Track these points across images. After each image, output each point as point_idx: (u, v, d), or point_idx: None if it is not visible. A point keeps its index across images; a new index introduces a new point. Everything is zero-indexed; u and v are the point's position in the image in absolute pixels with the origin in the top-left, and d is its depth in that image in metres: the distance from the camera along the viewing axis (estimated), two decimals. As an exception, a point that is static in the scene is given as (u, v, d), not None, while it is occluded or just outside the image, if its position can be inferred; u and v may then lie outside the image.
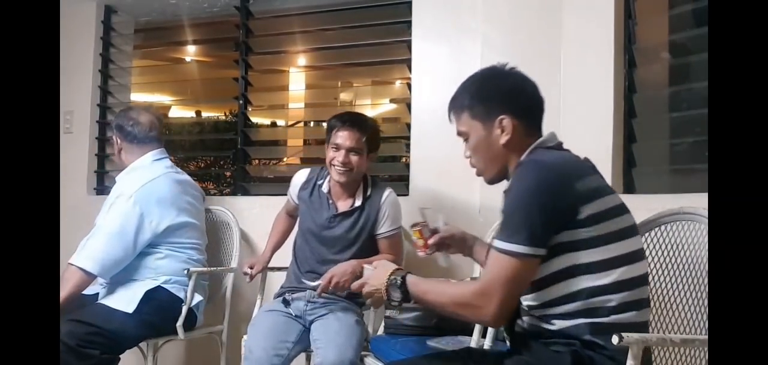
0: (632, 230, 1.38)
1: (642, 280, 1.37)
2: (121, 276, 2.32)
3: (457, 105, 1.52)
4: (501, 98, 1.47)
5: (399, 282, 1.45)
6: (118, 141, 2.48)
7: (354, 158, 2.26)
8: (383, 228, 2.31)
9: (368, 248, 2.31)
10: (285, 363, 2.15)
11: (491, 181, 1.54)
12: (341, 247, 2.31)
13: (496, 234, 1.35)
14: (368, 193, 2.34)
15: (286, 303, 2.31)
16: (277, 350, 2.14)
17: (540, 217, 1.30)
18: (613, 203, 1.35)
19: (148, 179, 2.35)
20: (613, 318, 1.30)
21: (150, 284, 2.30)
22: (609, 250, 1.31)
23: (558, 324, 1.33)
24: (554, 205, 1.30)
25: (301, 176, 2.48)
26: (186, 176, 2.56)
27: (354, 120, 2.30)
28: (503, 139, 1.45)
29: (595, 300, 1.30)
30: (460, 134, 1.54)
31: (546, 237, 1.30)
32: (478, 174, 1.54)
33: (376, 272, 1.53)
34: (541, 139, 1.46)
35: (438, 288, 1.45)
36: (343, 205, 2.34)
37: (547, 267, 1.33)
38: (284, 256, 2.61)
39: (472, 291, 1.36)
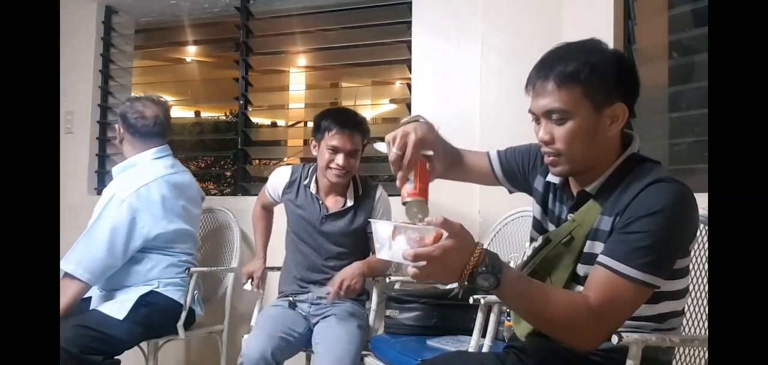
0: None
1: None
2: (111, 281, 2.29)
3: (566, 72, 1.21)
4: (622, 80, 1.24)
5: (498, 268, 1.10)
6: (121, 130, 2.41)
7: (353, 162, 2.24)
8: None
9: (362, 249, 2.30)
10: (290, 347, 2.16)
11: (570, 174, 1.31)
12: (336, 248, 2.30)
13: (622, 254, 1.15)
14: (360, 192, 2.33)
15: (293, 305, 2.30)
16: (284, 332, 2.15)
17: (676, 250, 1.20)
18: None
19: (143, 183, 2.27)
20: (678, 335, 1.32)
21: (142, 289, 2.27)
22: (688, 278, 1.30)
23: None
24: (689, 237, 1.22)
25: (283, 176, 2.43)
26: (185, 177, 2.47)
27: (354, 123, 2.24)
28: (614, 129, 1.24)
29: (670, 321, 1.28)
30: (548, 112, 1.23)
31: (671, 269, 1.21)
32: (559, 162, 1.27)
33: (454, 244, 1.07)
34: (635, 144, 1.29)
35: (545, 294, 1.17)
36: (334, 204, 2.32)
37: None
38: (281, 254, 2.62)
39: (589, 312, 1.14)
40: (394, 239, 1.10)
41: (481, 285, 1.10)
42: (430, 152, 1.29)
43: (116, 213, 2.22)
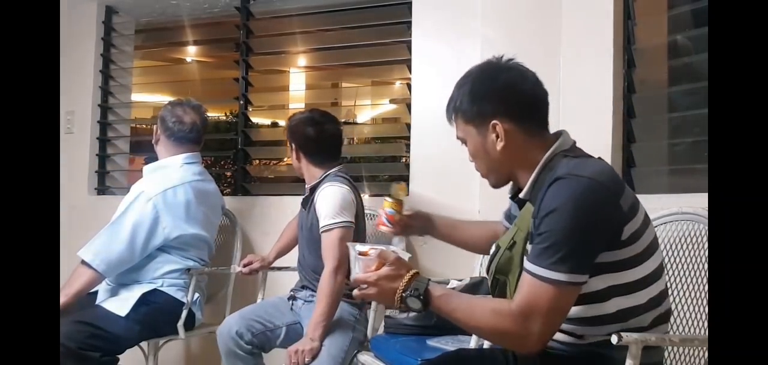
0: (656, 243, 1.31)
1: (665, 293, 1.33)
2: (120, 276, 2.32)
3: (451, 108, 1.41)
4: (493, 98, 1.34)
5: (421, 291, 1.27)
6: (158, 132, 2.47)
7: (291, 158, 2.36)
8: (320, 224, 2.18)
9: (313, 246, 2.28)
10: (267, 334, 2.23)
11: (497, 186, 1.43)
12: (304, 240, 2.33)
13: (533, 257, 1.22)
14: (314, 184, 2.28)
15: (293, 298, 2.35)
16: (261, 318, 2.23)
17: (586, 244, 1.20)
18: (643, 216, 1.27)
19: (171, 185, 2.33)
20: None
21: (146, 287, 2.30)
22: (644, 268, 1.26)
23: (588, 339, 1.28)
24: (601, 228, 1.21)
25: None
26: (210, 186, 2.53)
27: None
28: (499, 145, 1.33)
29: (631, 321, 1.26)
30: (458, 138, 1.42)
31: (590, 263, 1.21)
32: (483, 177, 1.44)
33: (387, 272, 1.30)
34: (557, 144, 1.33)
35: (471, 307, 1.28)
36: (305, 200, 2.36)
37: (584, 287, 1.22)
38: (288, 257, 2.62)
39: (513, 318, 1.21)
40: (355, 265, 1.35)
41: (411, 306, 1.29)
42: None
43: (141, 210, 2.28)
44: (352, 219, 2.19)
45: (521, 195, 1.35)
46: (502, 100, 1.34)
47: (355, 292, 1.33)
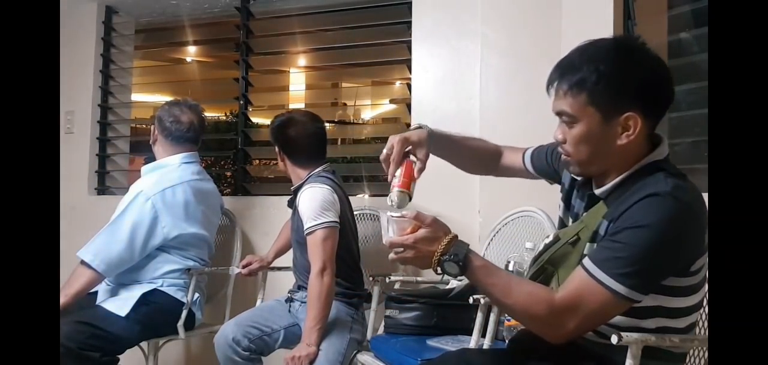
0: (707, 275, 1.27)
1: (697, 322, 1.32)
2: (120, 276, 2.32)
3: (573, 80, 1.21)
4: (636, 89, 1.19)
5: (461, 258, 1.20)
6: (155, 132, 2.47)
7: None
8: (304, 227, 2.16)
9: (299, 248, 2.30)
10: (265, 339, 2.20)
11: (580, 174, 1.31)
12: (295, 242, 2.34)
13: (599, 259, 1.16)
14: (299, 185, 2.27)
15: (290, 300, 2.34)
16: (258, 323, 2.21)
17: (659, 270, 1.16)
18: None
19: (169, 184, 2.33)
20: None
21: (146, 287, 2.30)
22: (695, 297, 1.24)
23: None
24: (680, 258, 1.18)
25: None
26: (209, 185, 2.53)
27: None
28: (623, 139, 1.20)
29: (665, 336, 1.24)
30: (560, 113, 1.25)
31: (654, 286, 1.18)
32: (570, 162, 1.29)
33: (425, 234, 1.22)
34: (657, 152, 1.23)
35: (508, 284, 1.23)
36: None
37: None
38: (288, 257, 2.62)
39: (549, 306, 1.18)
40: (388, 228, 1.27)
41: (448, 271, 1.22)
42: (409, 148, 1.40)
43: (140, 210, 2.27)
44: (335, 219, 2.17)
45: (597, 192, 1.27)
46: (649, 94, 1.20)
47: (391, 256, 1.26)
